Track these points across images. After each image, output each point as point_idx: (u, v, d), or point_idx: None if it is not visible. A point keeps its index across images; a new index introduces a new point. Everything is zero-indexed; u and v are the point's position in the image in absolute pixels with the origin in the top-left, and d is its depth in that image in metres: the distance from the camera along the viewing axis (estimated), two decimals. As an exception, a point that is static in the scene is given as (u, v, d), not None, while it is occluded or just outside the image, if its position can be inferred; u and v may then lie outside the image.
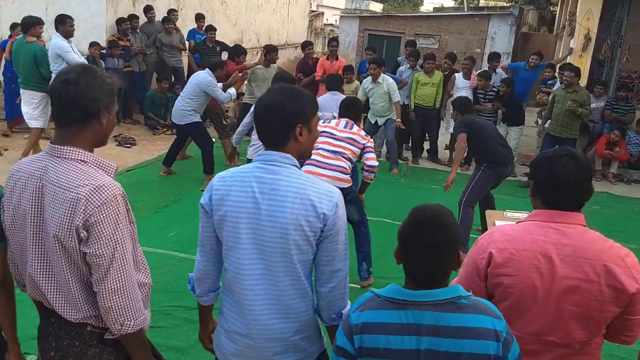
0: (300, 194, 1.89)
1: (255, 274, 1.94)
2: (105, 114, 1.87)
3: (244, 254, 1.93)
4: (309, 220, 1.87)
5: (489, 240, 1.95)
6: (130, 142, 8.86)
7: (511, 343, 1.63)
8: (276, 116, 1.93)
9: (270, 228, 1.89)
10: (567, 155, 1.92)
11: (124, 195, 1.84)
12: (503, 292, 1.91)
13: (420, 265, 1.65)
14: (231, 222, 1.93)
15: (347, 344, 1.66)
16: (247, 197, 1.92)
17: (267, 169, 1.94)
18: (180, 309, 4.11)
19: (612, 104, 9.21)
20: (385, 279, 4.78)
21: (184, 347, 3.68)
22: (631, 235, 6.37)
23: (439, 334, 1.60)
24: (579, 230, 1.90)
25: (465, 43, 15.58)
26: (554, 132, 7.98)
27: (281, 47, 16.75)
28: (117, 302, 1.79)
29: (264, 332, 1.97)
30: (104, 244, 1.75)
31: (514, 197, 7.53)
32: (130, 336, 1.87)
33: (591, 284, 1.83)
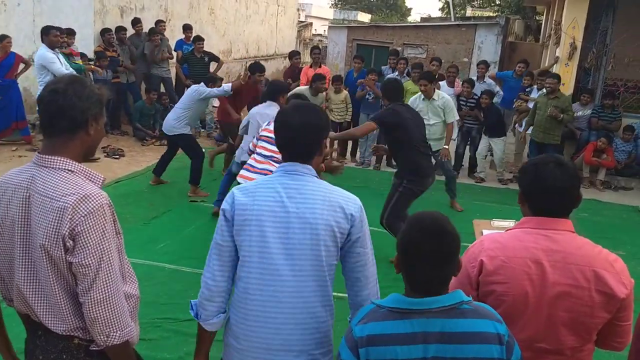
0: (328, 197, 1.95)
1: (281, 279, 1.91)
2: (94, 124, 1.87)
3: (271, 259, 1.91)
4: (338, 221, 1.92)
5: (479, 249, 1.96)
6: (118, 153, 8.81)
7: (513, 345, 1.65)
8: (310, 132, 2.02)
9: (300, 230, 1.90)
10: (553, 161, 1.94)
11: (111, 205, 1.83)
12: (495, 300, 1.91)
13: (426, 274, 1.64)
14: (256, 226, 1.92)
15: (352, 357, 1.64)
16: (274, 201, 1.94)
17: (292, 176, 1.99)
18: (169, 321, 4.07)
19: (599, 112, 9.30)
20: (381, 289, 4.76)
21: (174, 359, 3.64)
22: (619, 241, 6.41)
23: (446, 341, 1.60)
24: (568, 236, 1.90)
25: (452, 52, 15.70)
26: (537, 138, 8.20)
27: (270, 58, 16.81)
28: (103, 313, 1.77)
29: (285, 343, 1.92)
30: (90, 254, 1.74)
31: (502, 205, 7.56)
32: (116, 348, 1.84)
33: (581, 289, 1.84)
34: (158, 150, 9.36)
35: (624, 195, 8.87)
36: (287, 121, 2.03)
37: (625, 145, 9.28)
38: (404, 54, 15.01)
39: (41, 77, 7.49)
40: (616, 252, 1.98)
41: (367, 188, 7.76)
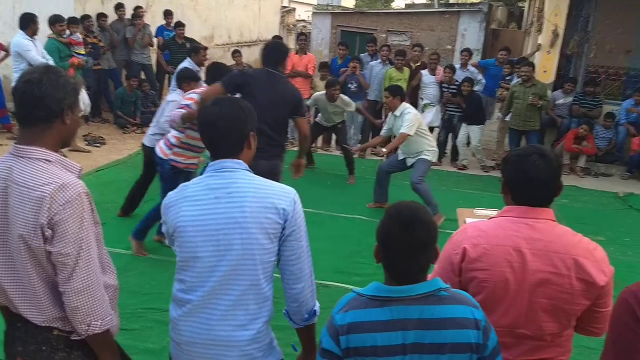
0: (258, 194, 1.92)
1: (215, 281, 1.91)
2: (70, 113, 1.87)
3: (204, 263, 1.91)
4: (269, 217, 1.90)
5: (463, 237, 1.99)
6: (99, 141, 8.71)
7: (490, 331, 1.69)
8: (233, 126, 1.98)
9: (231, 231, 1.89)
10: (537, 153, 1.96)
11: (89, 195, 1.84)
12: (477, 287, 1.94)
13: (404, 263, 1.67)
14: (186, 233, 1.92)
15: (334, 345, 1.66)
16: (202, 205, 1.91)
17: (220, 176, 1.96)
18: (153, 311, 4.05)
19: (580, 99, 9.39)
20: (365, 277, 4.80)
21: (158, 350, 3.62)
22: (599, 228, 6.50)
23: (424, 327, 1.63)
24: (550, 225, 1.94)
25: (436, 40, 15.70)
26: (518, 126, 8.37)
27: (253, 44, 16.67)
28: (84, 302, 1.78)
29: (219, 340, 1.94)
30: (69, 243, 1.74)
31: (485, 192, 7.63)
32: (97, 337, 1.85)
33: (562, 277, 1.88)
34: (140, 137, 9.22)
35: (604, 181, 8.99)
36: (207, 118, 2.00)
37: (606, 132, 9.38)
38: (388, 41, 14.99)
39: (17, 64, 7.38)
40: (596, 238, 2.02)
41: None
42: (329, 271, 4.88)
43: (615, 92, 10.02)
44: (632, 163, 9.08)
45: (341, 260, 5.13)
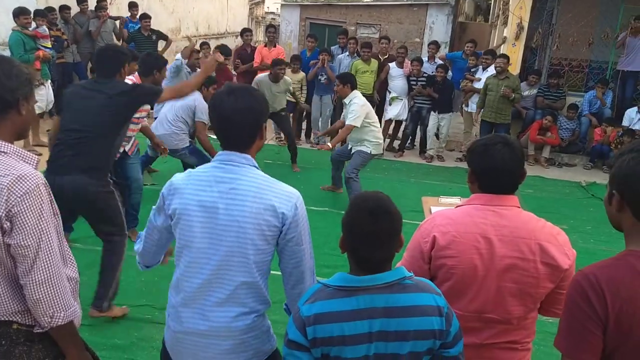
0: (260, 195, 1.90)
1: (209, 273, 1.92)
2: (25, 104, 1.84)
3: (198, 253, 1.92)
4: (267, 219, 1.89)
5: (432, 225, 2.03)
6: (64, 136, 8.51)
7: (452, 317, 1.72)
8: (248, 119, 1.94)
9: (227, 227, 1.89)
10: (501, 142, 2.01)
11: (47, 185, 1.82)
12: (446, 273, 1.99)
13: (369, 253, 1.68)
14: (186, 220, 1.92)
15: (300, 336, 1.67)
16: (204, 195, 1.91)
17: (226, 168, 1.94)
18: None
19: (544, 91, 9.57)
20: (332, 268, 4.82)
21: (126, 345, 3.60)
22: (563, 216, 6.67)
23: (390, 315, 1.65)
24: (515, 211, 2.00)
25: (405, 32, 15.81)
26: (489, 118, 8.44)
27: (221, 36, 16.52)
28: (46, 293, 1.76)
29: (213, 329, 1.95)
30: (28, 235, 1.72)
31: (452, 183, 7.74)
32: (60, 329, 1.83)
33: (528, 262, 1.94)
34: (106, 132, 9.10)
35: (568, 171, 9.21)
36: (222, 106, 1.94)
37: (569, 123, 9.60)
38: (357, 34, 15.02)
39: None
40: (559, 226, 2.08)
41: (320, 170, 7.79)
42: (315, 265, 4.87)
43: (578, 83, 10.25)
44: (593, 153, 9.32)
45: (327, 255, 5.11)
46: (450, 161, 9.15)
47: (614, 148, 9.06)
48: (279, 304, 2.28)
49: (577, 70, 10.21)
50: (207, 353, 1.98)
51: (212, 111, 1.98)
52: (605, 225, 2.44)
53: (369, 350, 1.66)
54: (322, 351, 1.67)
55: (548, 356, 3.42)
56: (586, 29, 9.78)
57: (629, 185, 1.54)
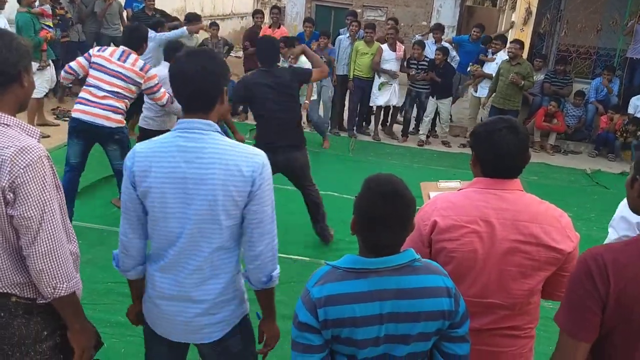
0: (226, 160, 1.90)
1: (183, 242, 1.95)
2: (26, 76, 1.85)
3: (172, 224, 1.94)
4: (236, 185, 1.90)
5: (432, 208, 2.02)
6: (69, 115, 8.47)
7: (459, 297, 1.74)
8: (208, 80, 1.92)
9: (197, 196, 1.90)
10: (506, 127, 1.98)
11: (49, 158, 1.82)
12: (446, 257, 1.98)
13: (384, 236, 1.67)
14: (157, 193, 1.92)
15: (311, 318, 1.67)
16: (172, 167, 1.91)
17: (190, 137, 1.92)
18: (123, 284, 3.93)
19: (551, 77, 9.51)
20: (335, 252, 4.85)
21: (129, 323, 3.54)
22: (567, 204, 6.63)
23: (400, 297, 1.66)
24: (517, 195, 1.98)
25: (411, 16, 15.66)
26: (498, 104, 8.37)
27: (226, 17, 16.41)
28: (49, 264, 1.77)
29: (188, 292, 2.00)
30: (32, 206, 1.73)
31: (455, 169, 7.72)
32: (63, 299, 1.84)
33: (529, 245, 1.93)
34: (110, 112, 9.09)
35: (573, 158, 9.17)
36: (182, 70, 1.92)
37: (575, 110, 9.54)
38: (364, 16, 14.89)
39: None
40: (564, 214, 2.05)
41: (324, 153, 7.79)
42: (300, 245, 4.91)
43: (585, 70, 10.17)
44: (599, 141, 9.27)
45: (312, 235, 5.16)
46: (455, 147, 9.12)
47: (619, 136, 9.02)
48: (284, 284, 2.29)
49: (584, 57, 10.13)
50: (181, 317, 2.04)
51: (174, 75, 1.96)
52: (609, 213, 2.43)
53: (379, 331, 1.67)
54: (333, 333, 1.67)
55: (550, 341, 3.43)
56: (594, 15, 9.68)
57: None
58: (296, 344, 1.72)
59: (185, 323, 2.05)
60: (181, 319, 2.04)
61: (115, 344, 3.42)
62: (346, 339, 1.67)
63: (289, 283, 3.77)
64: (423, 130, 9.10)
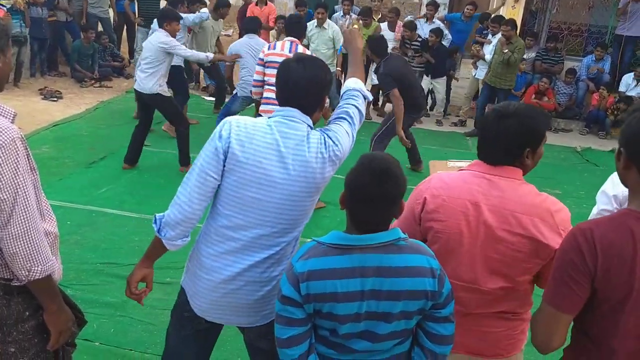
0: (321, 150, 1.98)
1: (268, 225, 1.98)
2: (1, 56, 1.79)
3: (263, 206, 1.96)
4: (323, 174, 1.99)
5: (426, 186, 2.02)
6: (56, 95, 8.43)
7: (444, 279, 1.73)
8: (314, 88, 2.00)
9: (291, 181, 1.94)
10: (499, 112, 1.94)
11: (23, 140, 1.77)
12: (433, 237, 1.97)
13: (370, 214, 1.68)
14: (251, 171, 1.94)
15: (294, 292, 1.68)
16: (270, 147, 1.94)
17: (289, 124, 1.98)
18: (112, 265, 4.02)
19: (542, 55, 9.46)
20: (326, 230, 4.84)
21: (118, 303, 3.62)
22: (556, 181, 6.67)
23: (382, 274, 1.66)
24: (514, 183, 1.93)
25: (403, -7, 15.48)
26: (490, 82, 8.32)
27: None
28: (23, 247, 1.74)
29: (253, 277, 2.01)
30: (4, 188, 1.69)
31: (446, 148, 7.71)
32: (38, 282, 1.81)
33: (514, 235, 1.88)
34: (98, 92, 9.03)
35: (563, 136, 9.18)
36: (291, 75, 1.99)
37: (566, 87, 9.53)
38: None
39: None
40: (553, 191, 2.04)
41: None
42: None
43: (577, 48, 10.13)
44: (589, 118, 9.27)
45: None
46: (446, 125, 9.10)
47: (610, 114, 9.02)
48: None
49: (576, 35, 10.08)
50: (240, 299, 2.04)
51: (282, 78, 2.01)
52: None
53: (360, 308, 1.67)
54: (315, 307, 1.68)
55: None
56: (587, -8, 9.62)
57: (633, 144, 1.56)
58: (279, 316, 1.73)
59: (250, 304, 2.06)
60: (239, 301, 2.05)
61: (104, 324, 3.42)
62: (327, 314, 1.68)
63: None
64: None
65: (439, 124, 9.08)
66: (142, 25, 9.73)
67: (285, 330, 1.72)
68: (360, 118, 2.16)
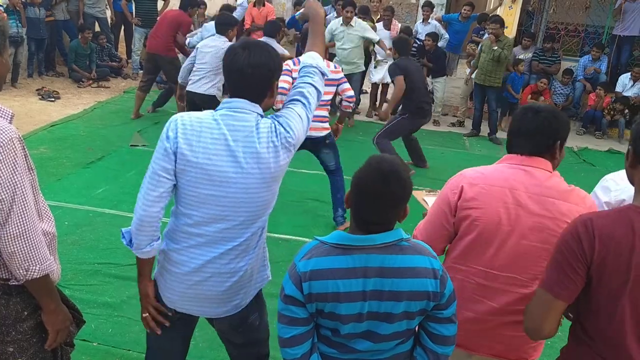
0: (270, 139, 1.96)
1: (241, 218, 2.00)
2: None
3: (218, 198, 1.97)
4: (280, 161, 1.99)
5: (461, 178, 2.06)
6: (54, 95, 8.42)
7: (447, 280, 1.73)
8: (259, 73, 1.95)
9: (245, 174, 1.94)
10: (531, 108, 2.06)
11: (21, 140, 1.77)
12: (470, 225, 2.00)
13: (375, 214, 1.68)
14: (202, 169, 1.93)
15: (296, 291, 1.68)
16: (219, 143, 1.94)
17: (236, 116, 1.97)
18: (110, 265, 4.02)
19: (539, 55, 9.48)
20: (326, 231, 4.86)
21: (117, 303, 3.62)
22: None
23: (384, 275, 1.66)
24: (546, 174, 2.00)
25: (400, -6, 15.51)
26: (479, 80, 8.36)
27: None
28: (21, 246, 1.74)
29: (223, 269, 2.05)
30: (2, 187, 1.69)
31: (444, 147, 7.72)
32: (36, 282, 1.81)
33: (554, 221, 1.94)
34: (95, 92, 9.02)
35: (560, 137, 9.17)
36: (236, 60, 1.96)
37: (563, 88, 9.55)
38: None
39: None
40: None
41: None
42: (289, 225, 4.90)
43: (574, 48, 10.17)
44: (586, 118, 9.29)
45: (301, 215, 5.16)
46: (444, 126, 9.11)
47: (606, 114, 9.04)
48: (275, 264, 2.32)
49: (573, 35, 10.11)
50: (216, 289, 2.07)
51: (227, 64, 1.99)
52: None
53: (362, 308, 1.67)
54: (317, 307, 1.69)
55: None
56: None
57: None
58: (282, 316, 1.73)
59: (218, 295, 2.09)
60: (210, 291, 2.08)
61: (102, 324, 3.41)
62: (329, 314, 1.68)
63: (277, 263, 3.77)
64: None
65: (436, 124, 9.09)
66: (139, 25, 9.75)
67: (288, 330, 1.72)
68: (317, 96, 2.14)
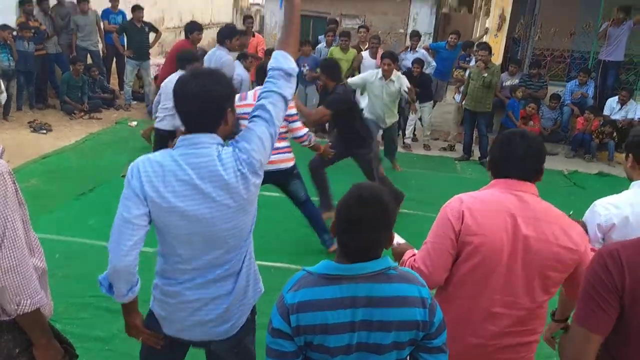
0: (237, 167, 1.96)
1: (211, 256, 2.03)
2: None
3: (198, 235, 1.98)
4: (250, 187, 2.01)
5: (459, 202, 2.06)
6: (45, 127, 8.43)
7: (435, 308, 1.71)
8: (208, 100, 1.93)
9: (219, 207, 1.95)
10: (519, 134, 2.13)
11: (12, 174, 1.78)
12: (472, 251, 2.00)
13: (357, 239, 1.66)
14: (177, 212, 1.94)
15: (284, 324, 1.66)
16: (186, 185, 1.93)
17: (196, 152, 1.94)
18: (102, 298, 3.95)
19: (526, 81, 9.62)
20: (318, 258, 4.83)
21: (108, 337, 3.58)
22: (544, 205, 6.70)
23: (373, 305, 1.64)
24: (536, 198, 2.05)
25: (389, 24, 15.76)
26: (470, 106, 8.47)
27: (206, 27, 16.31)
28: (11, 281, 1.73)
29: (217, 296, 2.09)
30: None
31: (435, 172, 7.76)
32: (27, 316, 1.80)
33: (550, 244, 1.97)
34: (87, 124, 9.04)
35: (550, 160, 9.24)
36: (185, 90, 1.93)
37: (551, 112, 9.67)
38: (342, 25, 14.96)
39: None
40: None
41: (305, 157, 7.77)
42: (280, 253, 4.89)
43: (560, 73, 10.32)
44: (575, 142, 9.39)
45: (294, 243, 5.15)
46: (435, 150, 9.17)
47: (595, 138, 9.15)
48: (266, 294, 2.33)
49: (559, 61, 10.28)
50: (214, 312, 2.10)
51: (177, 95, 1.96)
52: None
53: (351, 339, 1.65)
54: (306, 339, 1.66)
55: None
56: (568, 19, 9.84)
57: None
58: (270, 350, 1.71)
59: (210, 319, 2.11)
60: (212, 314, 2.10)
61: (93, 358, 3.37)
62: (318, 346, 1.66)
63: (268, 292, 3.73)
64: (408, 134, 9.18)
65: (427, 148, 9.15)
66: (131, 57, 9.84)
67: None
68: (283, 103, 2.09)
